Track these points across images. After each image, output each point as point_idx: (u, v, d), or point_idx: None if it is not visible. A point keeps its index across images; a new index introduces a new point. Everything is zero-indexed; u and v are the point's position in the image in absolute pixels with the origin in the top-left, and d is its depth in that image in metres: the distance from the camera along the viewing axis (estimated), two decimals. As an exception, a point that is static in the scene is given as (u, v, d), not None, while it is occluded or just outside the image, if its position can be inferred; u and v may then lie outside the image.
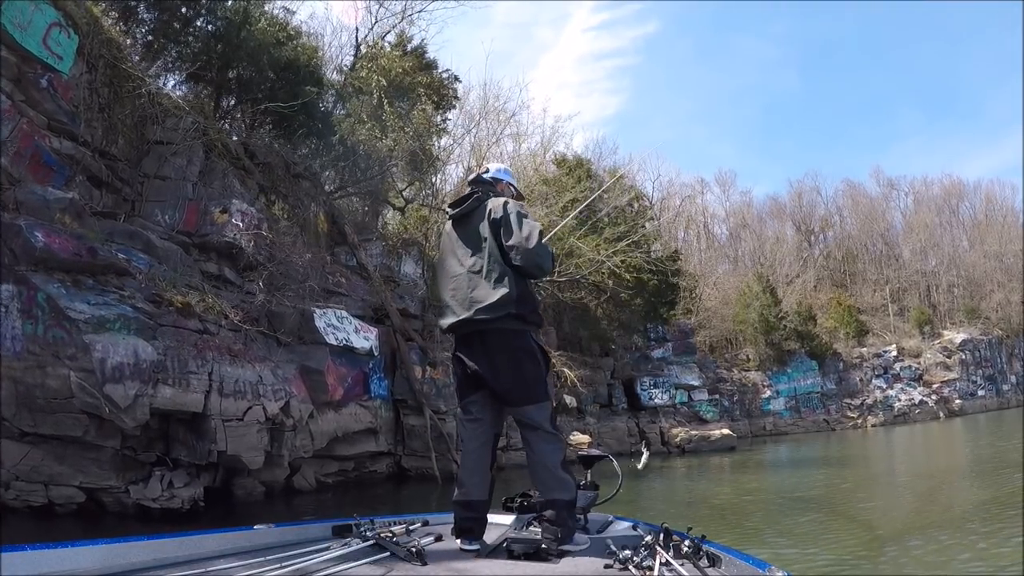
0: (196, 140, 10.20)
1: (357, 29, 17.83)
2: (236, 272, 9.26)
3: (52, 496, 6.18)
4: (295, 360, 8.35)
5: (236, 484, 7.57)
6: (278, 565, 1.82)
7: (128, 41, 12.38)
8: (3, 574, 1.49)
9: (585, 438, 16.26)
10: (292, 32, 14.42)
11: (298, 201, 12.02)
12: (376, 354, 10.71)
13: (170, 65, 13.40)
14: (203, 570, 1.73)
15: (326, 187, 15.80)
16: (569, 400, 17.66)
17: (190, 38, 12.87)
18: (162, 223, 9.47)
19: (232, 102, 14.06)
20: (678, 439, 19.77)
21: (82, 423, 6.02)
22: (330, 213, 13.91)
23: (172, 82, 13.40)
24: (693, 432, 20.10)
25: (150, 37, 12.97)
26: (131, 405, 5.95)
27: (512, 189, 2.74)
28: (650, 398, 21.50)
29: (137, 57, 11.95)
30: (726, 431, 20.40)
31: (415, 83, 15.29)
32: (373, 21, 17.94)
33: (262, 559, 1.86)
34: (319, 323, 8.93)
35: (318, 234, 12.56)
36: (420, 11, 17.03)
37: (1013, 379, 37.20)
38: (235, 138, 12.16)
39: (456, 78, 19.20)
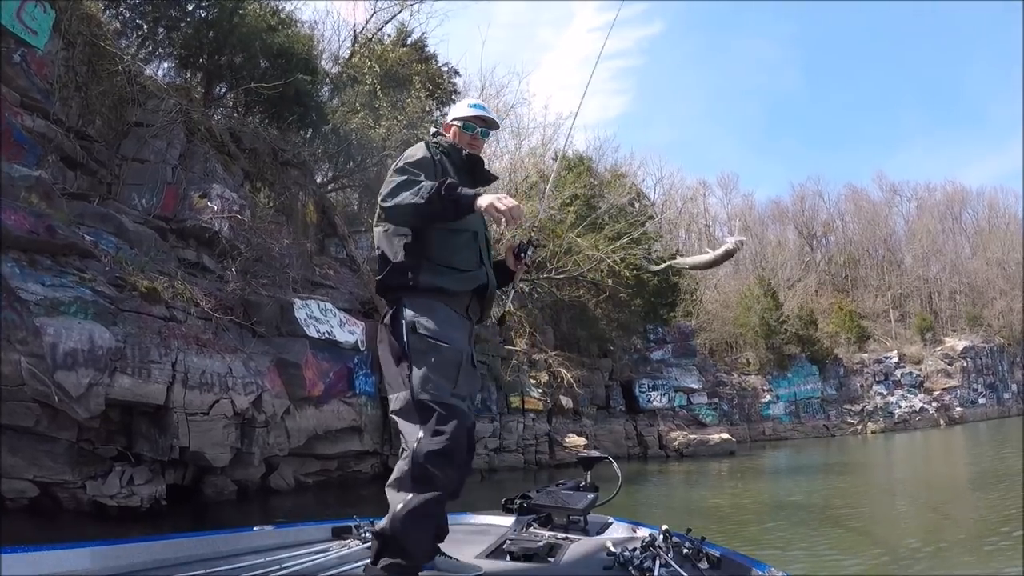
0: (177, 122, 9.78)
1: (355, 26, 17.58)
2: (215, 260, 8.82)
3: (3, 490, 5.73)
4: (271, 352, 7.88)
5: (206, 483, 7.11)
6: (278, 566, 1.82)
7: (117, 25, 12.07)
8: (3, 574, 1.48)
9: (581, 441, 15.97)
10: (284, 18, 14.07)
11: (285, 189, 11.59)
12: (363, 349, 10.24)
13: (160, 51, 13.10)
14: (203, 571, 1.73)
15: (319, 179, 15.43)
16: (566, 401, 17.24)
17: (181, 24, 12.55)
18: (139, 207, 9.04)
19: (223, 89, 13.70)
20: (676, 443, 19.33)
21: (34, 412, 5.58)
22: (320, 203, 13.50)
23: (163, 68, 13.11)
24: (692, 436, 19.67)
25: (139, 21, 12.66)
26: (84, 394, 5.51)
27: (467, 131, 2.17)
28: (648, 400, 21.07)
29: (125, 42, 11.63)
30: (725, 436, 20.00)
31: (411, 72, 14.89)
32: (372, 11, 17.64)
33: (262, 560, 1.87)
34: (299, 314, 8.47)
35: (306, 224, 12.12)
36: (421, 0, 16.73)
37: (1014, 387, 36.83)
38: (218, 119, 11.75)
39: (455, 71, 18.87)
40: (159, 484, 6.23)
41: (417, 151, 2.05)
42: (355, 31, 17.58)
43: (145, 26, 12.64)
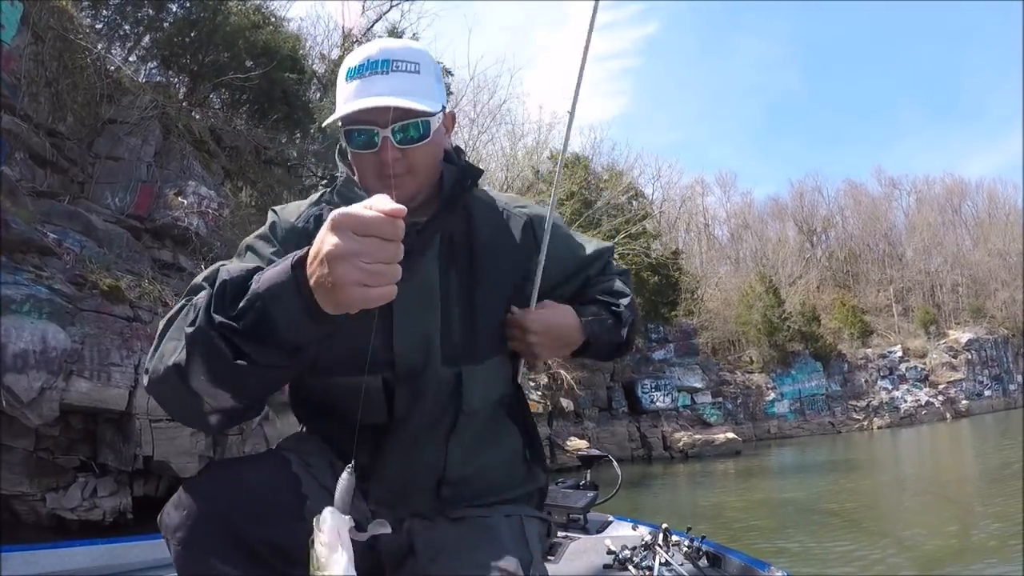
0: (152, 118, 9.42)
1: (343, 27, 17.38)
2: (192, 260, 8.44)
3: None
4: (247, 353, 7.41)
5: (181, 493, 6.66)
6: None
7: (100, 26, 11.78)
8: (3, 574, 1.48)
9: (583, 443, 15.55)
10: (267, 15, 13.79)
11: (269, 188, 11.23)
12: (351, 350, 9.80)
13: (144, 53, 12.83)
14: None
15: (309, 180, 15.08)
16: (566, 404, 16.83)
17: (165, 24, 12.28)
18: (111, 206, 8.66)
19: (208, 89, 13.41)
20: (681, 444, 18.91)
21: (-15, 421, 5.16)
22: (307, 203, 13.14)
23: (146, 69, 12.82)
24: (696, 436, 19.26)
25: (119, 20, 12.36)
26: (36, 399, 5.08)
27: (352, 145, 1.02)
28: (651, 401, 20.67)
29: (107, 44, 11.34)
30: (730, 435, 19.58)
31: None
32: (361, 10, 17.42)
33: None
34: (279, 313, 8.02)
35: (291, 223, 11.72)
36: (411, -1, 16.58)
37: (1020, 378, 36.36)
38: (199, 118, 11.40)
39: (448, 71, 18.59)
40: (124, 496, 5.79)
41: (259, 232, 1.07)
42: (343, 30, 17.36)
43: (127, 26, 12.37)
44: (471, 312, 1.00)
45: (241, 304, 0.72)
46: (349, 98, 0.96)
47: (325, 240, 0.66)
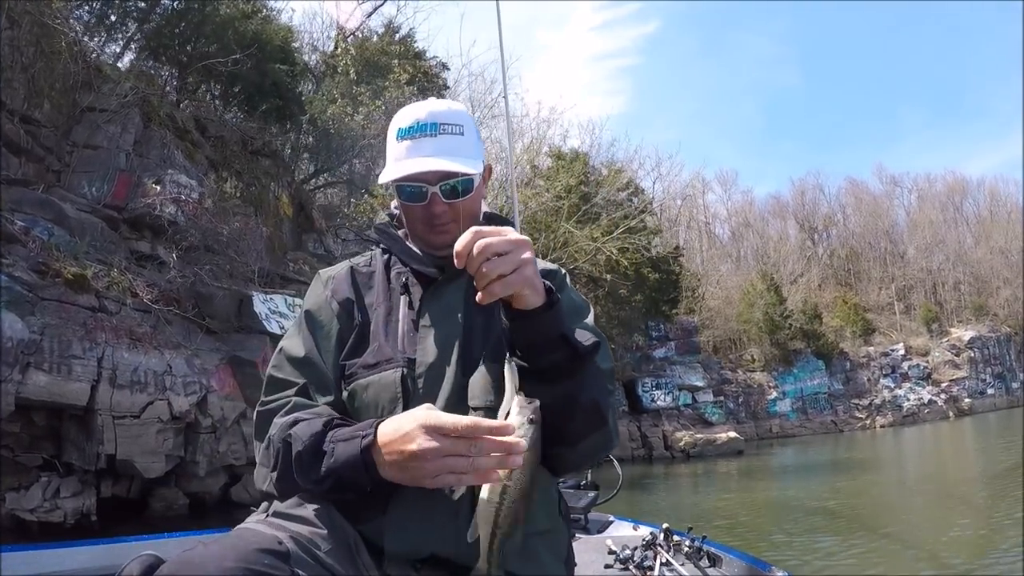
0: (132, 106, 9.08)
1: (337, 22, 17.12)
2: (170, 252, 8.09)
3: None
4: (223, 350, 7.02)
5: (155, 495, 6.30)
6: None
7: (89, 19, 11.51)
8: (3, 574, 1.50)
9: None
10: (258, 6, 13.48)
11: (255, 179, 10.86)
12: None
13: (132, 44, 12.57)
14: None
15: (301, 174, 14.79)
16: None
17: (154, 16, 12.00)
18: (88, 195, 8.33)
19: (197, 79, 13.10)
20: (682, 443, 18.57)
21: (-63, 418, 4.82)
22: (296, 197, 12.79)
23: (131, 59, 12.55)
24: (698, 436, 18.94)
25: (108, 10, 12.07)
26: (-11, 393, 4.74)
27: (402, 198, 1.14)
28: (652, 400, 20.34)
29: (97, 39, 11.09)
30: (732, 434, 19.26)
31: (390, 57, 14.25)
32: (356, 4, 17.16)
33: None
34: (259, 308, 7.63)
35: (279, 217, 11.39)
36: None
37: (1022, 376, 36.04)
38: (189, 111, 11.07)
39: (444, 66, 18.29)
40: (88, 497, 5.44)
41: (309, 293, 1.16)
42: (337, 23, 17.09)
43: (113, 15, 12.08)
44: (490, 341, 1.06)
45: (321, 472, 0.90)
46: (401, 157, 1.07)
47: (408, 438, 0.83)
